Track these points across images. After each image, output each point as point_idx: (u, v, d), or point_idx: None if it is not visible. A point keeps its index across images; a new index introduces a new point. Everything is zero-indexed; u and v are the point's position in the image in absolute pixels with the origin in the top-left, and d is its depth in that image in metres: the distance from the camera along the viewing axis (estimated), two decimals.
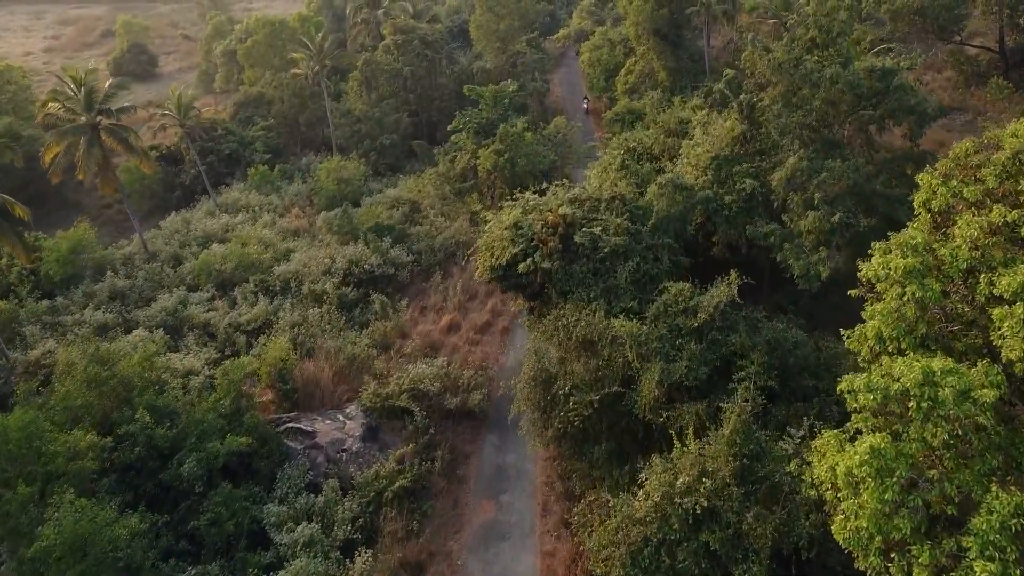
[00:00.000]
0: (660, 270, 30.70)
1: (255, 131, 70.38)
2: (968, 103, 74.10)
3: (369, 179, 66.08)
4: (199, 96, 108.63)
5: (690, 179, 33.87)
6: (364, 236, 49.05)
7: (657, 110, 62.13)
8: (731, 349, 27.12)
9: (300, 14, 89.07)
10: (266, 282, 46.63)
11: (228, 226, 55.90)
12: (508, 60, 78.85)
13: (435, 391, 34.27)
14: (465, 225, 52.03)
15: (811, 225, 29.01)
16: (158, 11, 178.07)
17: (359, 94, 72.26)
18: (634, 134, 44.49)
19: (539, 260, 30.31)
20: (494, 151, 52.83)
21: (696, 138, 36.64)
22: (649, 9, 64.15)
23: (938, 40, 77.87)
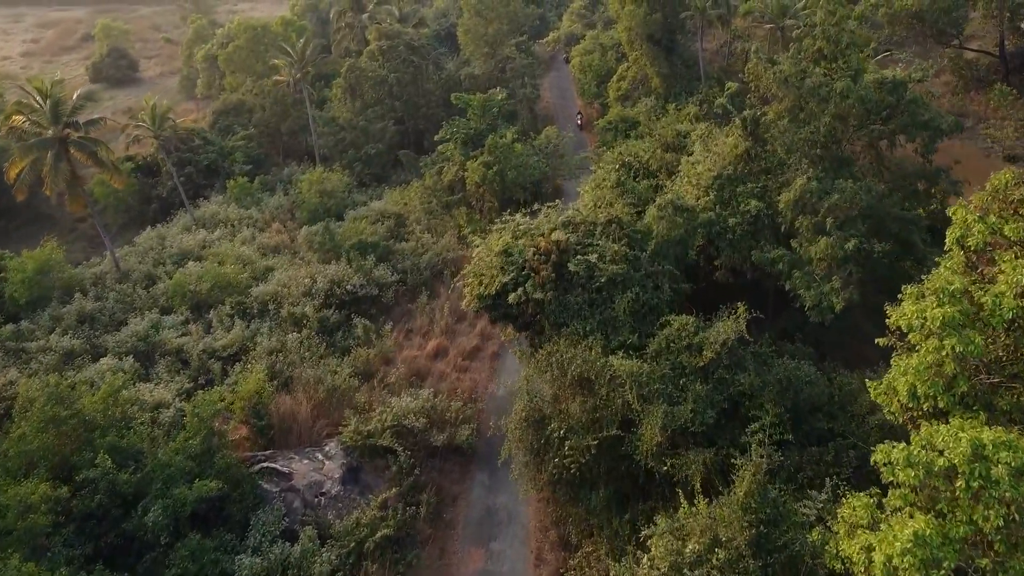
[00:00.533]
0: (660, 299, 28.60)
1: (235, 141, 67.94)
2: (968, 108, 72.39)
3: (353, 190, 63.80)
4: (181, 102, 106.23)
5: (691, 199, 31.79)
6: (347, 254, 46.76)
7: (651, 118, 60.24)
8: (739, 389, 25.06)
9: (283, 18, 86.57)
10: (243, 304, 44.28)
11: (205, 242, 53.49)
12: (497, 65, 76.73)
13: (420, 427, 32.06)
14: (453, 241, 49.84)
15: (823, 252, 26.97)
16: (139, 13, 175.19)
17: (343, 101, 69.92)
18: (629, 147, 42.42)
19: (531, 290, 28.16)
20: (482, 163, 50.70)
21: (696, 154, 34.57)
22: (642, 14, 62.11)
23: (936, 44, 76.28)
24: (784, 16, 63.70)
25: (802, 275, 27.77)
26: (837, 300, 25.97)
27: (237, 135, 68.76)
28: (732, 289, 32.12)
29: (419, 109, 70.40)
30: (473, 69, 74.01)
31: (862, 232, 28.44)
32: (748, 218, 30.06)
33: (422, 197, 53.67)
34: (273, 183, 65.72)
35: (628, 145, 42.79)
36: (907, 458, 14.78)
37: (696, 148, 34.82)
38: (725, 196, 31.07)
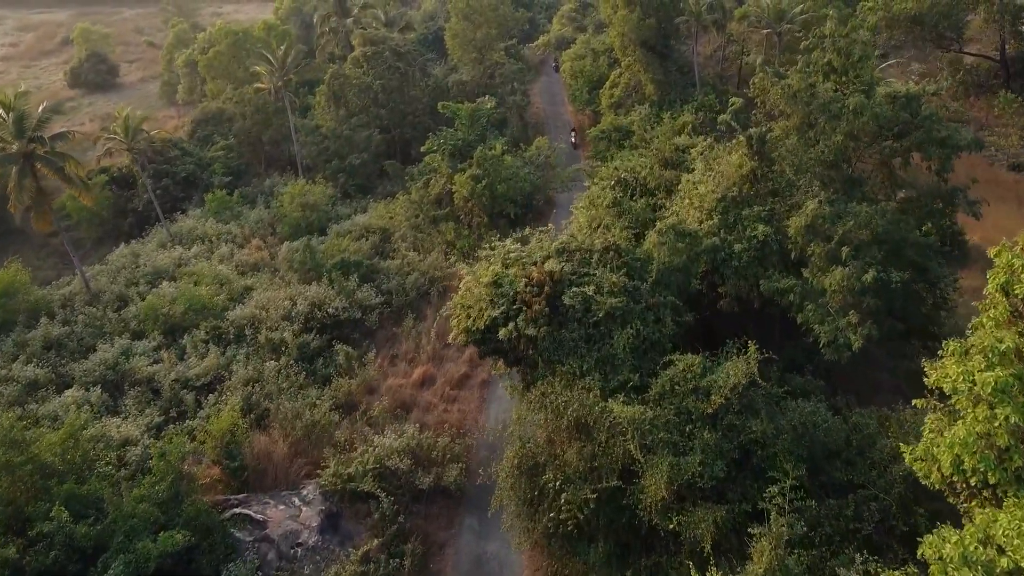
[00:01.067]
0: (663, 334, 26.50)
1: (214, 151, 65.50)
2: (969, 114, 70.60)
3: (337, 202, 61.50)
4: (162, 108, 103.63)
5: (693, 223, 29.70)
6: (328, 274, 44.49)
7: (646, 127, 58.19)
8: (751, 437, 22.98)
9: (265, 23, 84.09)
10: (219, 329, 41.94)
11: (181, 260, 51.09)
12: (486, 71, 74.58)
13: (405, 468, 29.86)
14: (440, 258, 47.63)
15: (838, 284, 24.91)
16: (122, 16, 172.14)
17: (327, 110, 67.58)
18: (625, 162, 40.33)
19: (522, 325, 26.00)
20: (471, 176, 48.59)
21: (697, 172, 32.48)
22: (635, 19, 60.07)
23: (936, 48, 74.61)
24: (781, 21, 61.82)
25: (815, 308, 25.72)
26: (855, 337, 23.93)
27: (216, 145, 66.30)
28: (737, 318, 30.07)
29: (405, 117, 68.14)
30: (461, 75, 71.81)
31: (878, 259, 26.43)
32: (755, 244, 27.99)
33: (408, 212, 51.43)
34: (254, 195, 63.33)
35: (624, 160, 40.68)
36: (962, 556, 12.70)
37: (697, 166, 32.72)
38: (730, 220, 28.99)
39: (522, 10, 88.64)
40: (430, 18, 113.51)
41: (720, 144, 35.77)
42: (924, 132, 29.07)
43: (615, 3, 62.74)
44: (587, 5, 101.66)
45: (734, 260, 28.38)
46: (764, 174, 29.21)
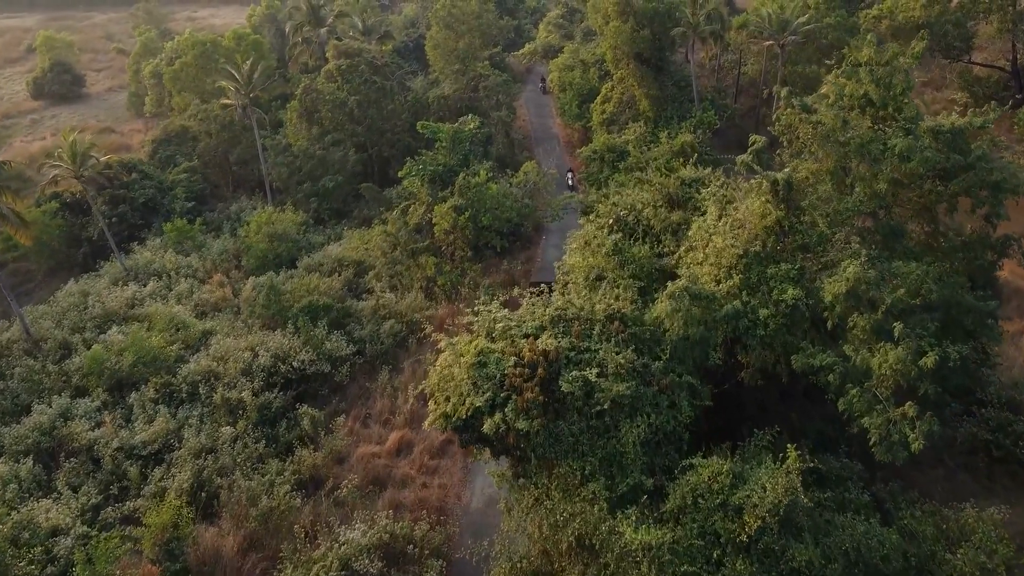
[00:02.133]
0: (678, 421, 22.27)
1: (176, 174, 60.72)
2: None
3: (309, 229, 57.00)
4: (128, 120, 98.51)
5: (708, 281, 25.47)
6: (294, 320, 40.00)
7: (641, 147, 54.06)
8: (793, 566, 18.77)
9: (235, 32, 79.24)
10: (171, 385, 37.36)
11: (134, 300, 46.41)
12: (468, 84, 70.19)
13: (375, 573, 25.47)
14: (419, 299, 43.25)
15: (891, 367, 20.73)
16: (93, 21, 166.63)
17: (298, 127, 63.00)
18: (625, 197, 36.05)
19: (512, 417, 21.66)
20: (452, 207, 44.23)
21: (710, 216, 28.24)
22: (628, 31, 55.93)
23: (944, 58, 70.88)
24: (784, 31, 57.83)
25: (860, 394, 21.54)
26: (914, 437, 19.77)
27: (179, 167, 61.52)
28: (762, 393, 25.94)
29: (383, 135, 63.66)
30: (443, 89, 67.34)
31: (931, 331, 22.32)
32: (784, 309, 23.80)
33: (384, 245, 46.95)
34: (220, 221, 58.72)
35: (623, 194, 36.41)
36: None
37: (710, 210, 28.47)
38: (753, 279, 24.79)
39: (507, 18, 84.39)
40: (411, 24, 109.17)
41: (733, 181, 31.59)
42: (975, 175, 25.00)
43: (606, 13, 58.58)
44: (574, 11, 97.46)
45: (759, 328, 24.16)
46: (792, 225, 25.02)
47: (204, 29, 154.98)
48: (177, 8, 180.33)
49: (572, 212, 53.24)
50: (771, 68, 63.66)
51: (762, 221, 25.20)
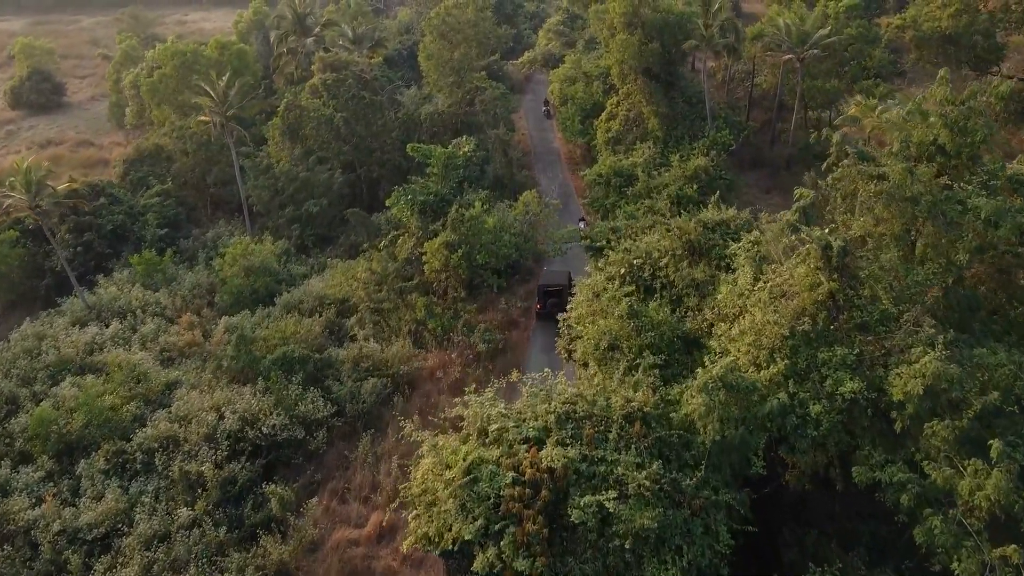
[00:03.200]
0: (715, 552, 17.97)
1: (148, 197, 56.25)
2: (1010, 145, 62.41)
3: (291, 258, 52.64)
4: (110, 132, 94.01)
5: (746, 363, 21.18)
6: (265, 375, 35.66)
7: (651, 171, 49.78)
8: None
9: (218, 41, 74.69)
10: (124, 453, 33.06)
11: (94, 344, 42.09)
12: (464, 97, 65.77)
13: None
14: (407, 348, 38.91)
15: (988, 495, 16.46)
16: (80, 25, 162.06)
17: (281, 146, 58.64)
18: (639, 242, 31.78)
19: (509, 553, 17.36)
20: (444, 244, 39.87)
21: (742, 278, 23.96)
22: (636, 44, 51.56)
23: (971, 71, 66.52)
24: (804, 44, 53.46)
25: (944, 524, 17.28)
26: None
27: (151, 190, 57.04)
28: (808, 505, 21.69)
29: (372, 154, 59.30)
30: (436, 104, 62.88)
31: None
32: (840, 404, 19.53)
33: (369, 287, 42.56)
34: (195, 249, 54.27)
35: (637, 240, 32.11)
36: None
37: (743, 269, 24.19)
38: (802, 365, 20.53)
39: (505, 26, 79.85)
40: (406, 30, 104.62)
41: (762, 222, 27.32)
42: None
43: (612, 24, 54.25)
44: (575, 17, 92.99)
45: (810, 427, 19.87)
46: (849, 299, 20.72)
47: (194, 33, 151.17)
48: (167, 11, 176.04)
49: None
50: (788, 81, 59.37)
51: (811, 293, 20.88)
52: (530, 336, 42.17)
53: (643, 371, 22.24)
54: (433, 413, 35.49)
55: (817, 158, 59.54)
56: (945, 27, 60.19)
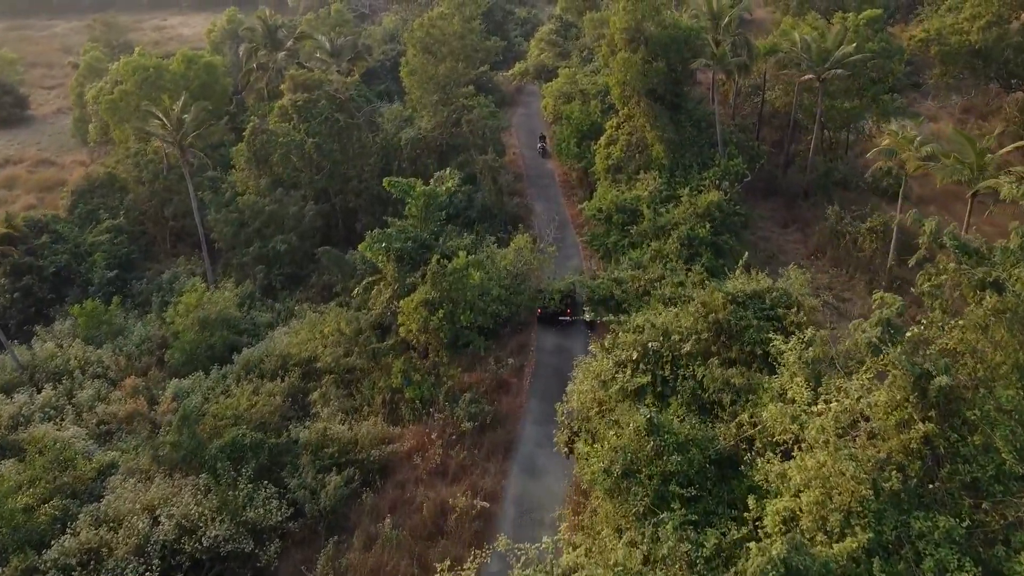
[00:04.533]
0: None
1: (97, 234, 50.59)
2: None
3: (255, 303, 47.20)
4: (74, 148, 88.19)
5: (811, 525, 15.85)
6: (211, 465, 30.18)
7: (657, 207, 44.56)
8: None
9: (184, 55, 69.01)
10: (36, 572, 27.48)
11: (19, 416, 36.52)
12: (450, 117, 60.34)
13: None
14: (379, 425, 33.49)
15: None
16: (53, 31, 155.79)
17: (247, 174, 53.15)
18: (654, 316, 26.43)
19: None
20: (424, 303, 34.42)
21: (796, 394, 18.64)
22: (639, 63, 46.23)
23: (1001, 88, 61.60)
24: (824, 62, 48.18)
25: None
26: None
27: (101, 225, 51.38)
28: None
29: (348, 182, 53.86)
30: (420, 124, 57.32)
31: None
32: None
33: (337, 351, 37.09)
34: (149, 292, 48.69)
35: (651, 313, 26.77)
36: None
37: (795, 385, 18.84)
38: (888, 536, 15.26)
39: (494, 37, 74.33)
40: (390, 38, 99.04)
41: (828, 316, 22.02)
42: None
43: (613, 42, 48.95)
44: (569, 25, 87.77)
45: None
46: (952, 447, 15.43)
47: (172, 40, 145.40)
48: (146, 15, 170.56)
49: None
50: (803, 100, 54.19)
51: (899, 435, 15.55)
52: (524, 402, 36.83)
53: (672, 532, 16.88)
54: (408, 512, 30.36)
55: (837, 186, 54.65)
56: (975, 41, 55.26)
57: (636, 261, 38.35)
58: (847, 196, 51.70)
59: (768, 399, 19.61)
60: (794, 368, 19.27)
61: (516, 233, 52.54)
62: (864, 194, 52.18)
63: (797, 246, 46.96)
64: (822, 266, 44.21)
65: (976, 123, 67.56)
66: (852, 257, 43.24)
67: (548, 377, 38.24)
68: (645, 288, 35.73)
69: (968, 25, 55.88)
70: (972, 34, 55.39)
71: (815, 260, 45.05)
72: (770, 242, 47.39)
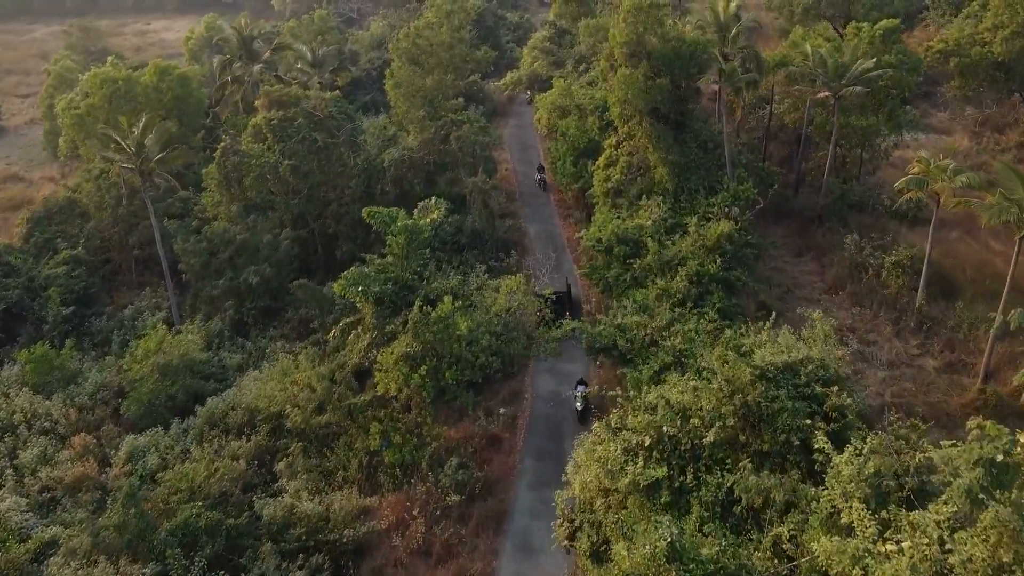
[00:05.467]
0: None
1: (54, 266, 46.58)
2: None
3: (225, 343, 43.38)
4: (44, 163, 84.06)
5: None
6: (161, 552, 26.36)
7: (661, 238, 40.90)
8: None
9: (157, 65, 64.93)
10: None
11: None
12: (438, 133, 56.52)
13: None
14: (353, 499, 29.66)
15: None
16: (32, 35, 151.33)
17: (218, 200, 49.26)
18: (670, 391, 22.68)
19: None
20: (404, 357, 30.65)
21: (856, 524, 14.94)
22: (641, 80, 42.54)
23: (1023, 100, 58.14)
24: (840, 78, 44.51)
25: None
26: None
27: (58, 256, 47.37)
28: None
29: (328, 206, 49.99)
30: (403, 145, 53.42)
31: None
32: None
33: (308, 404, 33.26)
34: (109, 330, 44.75)
35: (665, 391, 23.01)
36: None
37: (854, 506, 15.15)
38: None
39: (485, 47, 70.52)
40: (378, 45, 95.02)
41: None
42: None
43: (611, 56, 45.24)
44: (564, 32, 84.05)
45: None
46: None
47: (154, 45, 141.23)
48: (130, 19, 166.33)
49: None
50: (815, 117, 50.55)
51: None
52: (518, 463, 33.13)
53: None
54: None
55: (852, 208, 51.09)
56: (999, 54, 51.74)
57: (641, 303, 34.63)
58: (863, 220, 48.04)
59: (817, 521, 15.94)
60: (850, 487, 15.61)
61: (508, 259, 49.41)
62: (882, 218, 48.55)
63: (813, 278, 43.25)
64: (842, 302, 40.51)
65: (992, 136, 64.17)
66: (876, 293, 39.57)
67: (545, 431, 34.72)
68: (652, 338, 31.98)
69: (990, 36, 52.38)
70: (995, 45, 51.89)
71: (833, 295, 41.35)
72: (784, 274, 43.68)
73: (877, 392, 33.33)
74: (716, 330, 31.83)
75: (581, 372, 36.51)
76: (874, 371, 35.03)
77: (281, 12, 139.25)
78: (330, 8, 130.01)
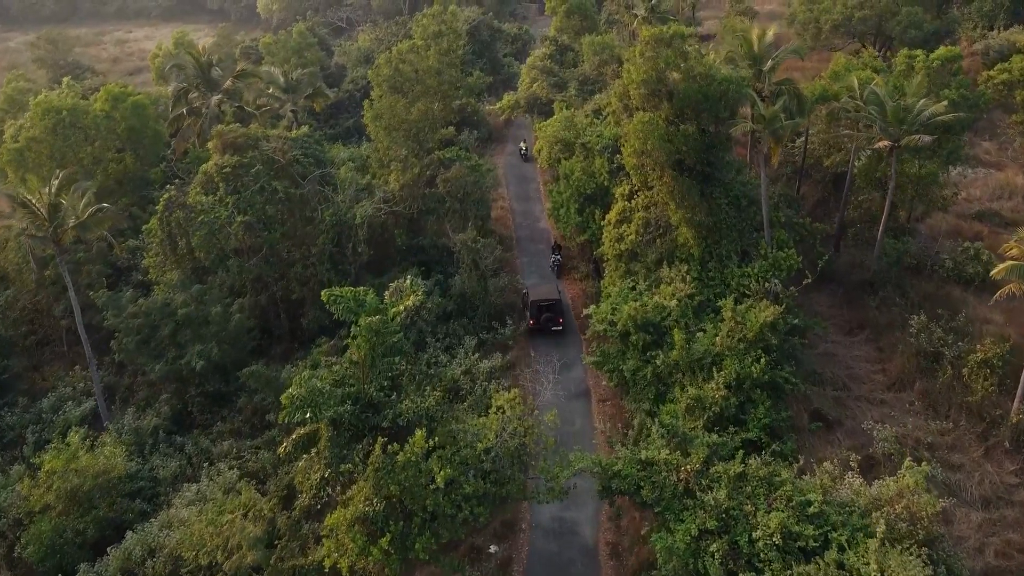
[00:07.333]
0: None
1: None
2: None
3: (161, 444, 35.95)
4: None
5: None
6: None
7: (690, 322, 33.42)
8: None
9: (108, 91, 57.39)
10: None
11: None
12: (423, 175, 49.13)
13: None
14: None
15: None
16: (6, 45, 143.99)
17: (161, 261, 41.83)
18: None
19: None
20: (360, 520, 23.14)
21: None
22: (662, 125, 35.02)
23: None
24: (902, 125, 36.96)
25: None
26: None
27: None
28: None
29: (291, 267, 42.54)
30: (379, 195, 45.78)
31: None
32: None
33: (240, 558, 25.77)
34: (24, 425, 37.29)
35: None
36: None
37: None
38: None
39: (478, 72, 62.97)
40: (365, 59, 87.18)
41: None
42: None
43: (626, 97, 37.76)
44: (565, 49, 76.46)
45: None
46: None
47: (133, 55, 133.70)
48: (110, 26, 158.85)
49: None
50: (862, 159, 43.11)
51: None
52: None
53: None
54: None
55: (910, 272, 43.68)
56: None
57: (670, 427, 27.08)
58: (922, 287, 40.51)
59: None
60: None
61: (503, 330, 42.01)
62: (945, 283, 41.06)
63: (871, 367, 35.64)
64: (911, 403, 32.97)
65: None
66: (954, 394, 32.03)
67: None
68: (687, 484, 24.47)
69: None
70: None
71: (899, 392, 33.80)
72: (836, 361, 36.10)
73: (975, 547, 25.82)
74: (767, 475, 24.35)
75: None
76: (965, 510, 27.51)
77: (268, 21, 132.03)
78: (318, 18, 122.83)
